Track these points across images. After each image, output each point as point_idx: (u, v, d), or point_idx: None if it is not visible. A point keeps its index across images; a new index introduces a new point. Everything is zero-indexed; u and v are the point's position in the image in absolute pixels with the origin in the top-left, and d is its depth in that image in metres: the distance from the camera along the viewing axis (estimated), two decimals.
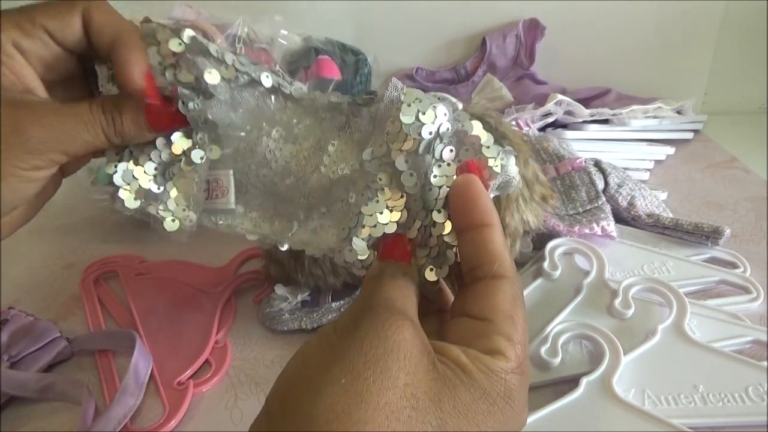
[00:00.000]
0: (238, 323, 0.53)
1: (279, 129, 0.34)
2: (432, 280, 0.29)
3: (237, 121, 0.34)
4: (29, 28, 0.30)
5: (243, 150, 0.34)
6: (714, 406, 0.39)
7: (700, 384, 0.41)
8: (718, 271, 0.52)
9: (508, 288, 0.26)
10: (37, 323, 0.49)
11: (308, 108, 0.34)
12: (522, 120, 0.71)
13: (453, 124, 0.29)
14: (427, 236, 0.29)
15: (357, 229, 0.30)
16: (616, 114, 0.75)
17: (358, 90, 0.73)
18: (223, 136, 0.34)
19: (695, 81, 0.89)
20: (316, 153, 0.33)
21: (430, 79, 0.87)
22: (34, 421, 0.44)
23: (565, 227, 0.55)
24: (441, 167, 0.29)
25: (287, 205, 0.34)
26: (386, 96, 0.30)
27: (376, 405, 0.21)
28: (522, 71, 0.85)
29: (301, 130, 0.34)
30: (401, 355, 0.23)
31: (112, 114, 0.30)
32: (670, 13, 0.83)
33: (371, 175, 0.30)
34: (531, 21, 0.84)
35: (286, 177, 0.34)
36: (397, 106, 0.29)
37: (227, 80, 0.33)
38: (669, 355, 0.43)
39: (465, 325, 0.26)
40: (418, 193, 0.29)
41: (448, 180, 0.29)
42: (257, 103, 0.34)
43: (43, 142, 0.29)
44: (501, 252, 0.27)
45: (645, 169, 0.72)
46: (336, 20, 0.84)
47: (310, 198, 0.33)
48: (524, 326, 0.26)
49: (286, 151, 0.34)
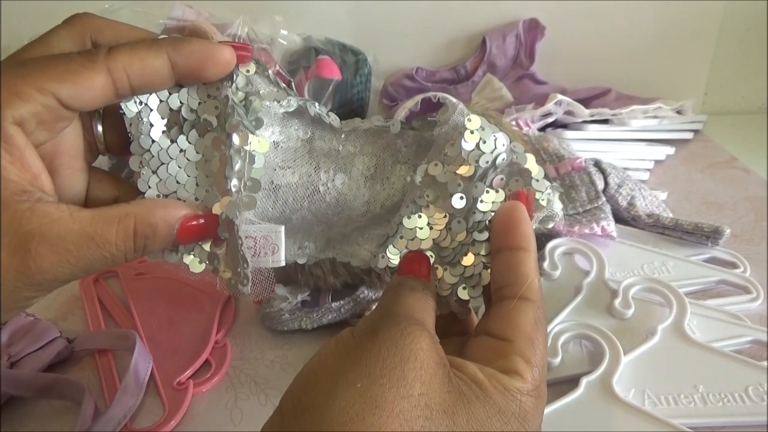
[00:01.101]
0: (238, 323, 0.53)
1: (327, 161, 0.33)
2: (465, 298, 0.29)
3: (283, 161, 0.32)
4: (35, 98, 0.24)
5: (294, 188, 0.33)
6: (714, 406, 0.39)
7: (700, 384, 0.41)
8: (718, 271, 0.52)
9: (532, 311, 0.26)
10: (37, 323, 0.49)
11: (351, 136, 0.33)
12: (522, 120, 0.71)
13: (509, 155, 0.30)
14: (462, 255, 0.30)
15: (395, 239, 0.31)
16: (616, 114, 0.75)
17: (357, 90, 0.73)
18: (270, 184, 0.32)
19: (695, 81, 0.89)
20: (367, 181, 0.33)
21: (430, 79, 0.87)
22: (34, 421, 0.44)
23: (565, 227, 0.55)
24: (490, 193, 0.29)
25: (340, 230, 0.34)
26: (452, 120, 0.30)
27: (390, 412, 0.21)
28: (522, 71, 0.85)
29: (350, 159, 0.33)
30: (418, 365, 0.23)
31: (145, 236, 0.26)
32: (670, 13, 0.83)
33: (419, 189, 0.30)
34: (531, 21, 0.84)
35: (340, 209, 0.33)
36: (459, 131, 0.30)
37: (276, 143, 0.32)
38: (669, 355, 0.43)
39: (485, 344, 0.26)
40: (463, 216, 0.30)
41: (494, 206, 0.29)
42: (300, 137, 0.33)
43: (44, 271, 0.23)
44: (531, 276, 0.27)
45: (645, 169, 0.72)
46: (336, 20, 0.84)
47: (363, 224, 0.33)
48: (544, 351, 0.26)
49: (338, 183, 0.33)
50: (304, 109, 0.32)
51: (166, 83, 0.27)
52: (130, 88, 0.26)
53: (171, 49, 0.26)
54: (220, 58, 0.27)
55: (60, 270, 0.24)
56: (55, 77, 0.24)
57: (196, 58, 0.27)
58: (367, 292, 0.51)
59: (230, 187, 0.28)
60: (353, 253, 0.33)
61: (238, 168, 0.28)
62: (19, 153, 0.24)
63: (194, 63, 0.27)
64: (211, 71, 0.27)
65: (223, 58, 0.27)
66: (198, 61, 0.27)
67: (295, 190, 0.33)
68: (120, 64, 0.25)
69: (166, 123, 0.29)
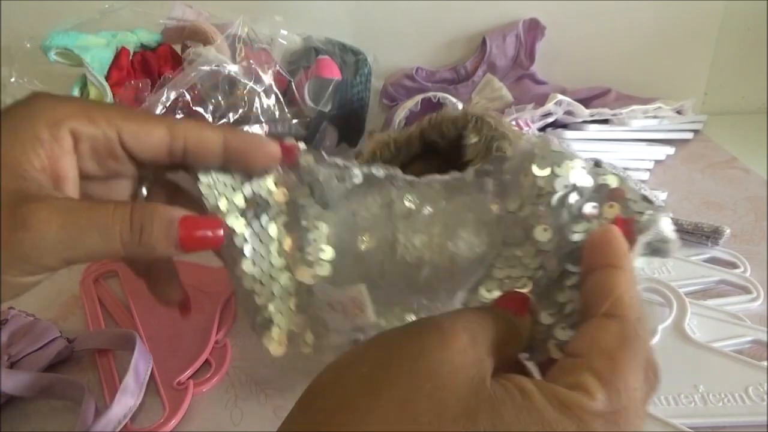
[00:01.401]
0: (238, 323, 0.52)
1: (405, 223, 0.32)
2: (564, 339, 0.26)
3: (363, 228, 0.32)
4: (101, 125, 0.27)
5: (373, 253, 0.32)
6: (714, 406, 0.39)
7: (700, 384, 0.41)
8: (718, 271, 0.52)
9: (617, 327, 0.22)
10: (37, 323, 0.49)
11: (427, 193, 0.33)
12: (522, 120, 0.71)
13: (594, 178, 0.28)
14: (556, 290, 0.27)
15: (487, 282, 0.29)
16: (616, 114, 0.75)
17: (357, 90, 0.73)
18: (351, 251, 0.32)
19: (695, 81, 0.89)
20: (447, 236, 0.32)
21: (430, 79, 0.87)
22: (34, 421, 0.44)
23: None
24: (581, 224, 0.27)
25: (425, 287, 0.32)
26: (517, 149, 0.29)
27: (390, 397, 0.20)
28: (522, 71, 0.85)
29: (426, 216, 0.32)
30: (438, 357, 0.21)
31: (141, 220, 0.25)
32: (670, 13, 0.83)
33: (507, 229, 0.29)
34: (531, 21, 0.84)
35: (422, 268, 0.32)
36: (530, 159, 0.28)
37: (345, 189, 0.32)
38: (669, 355, 0.43)
39: (556, 365, 0.23)
40: (553, 250, 0.27)
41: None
42: (377, 201, 0.33)
43: (37, 247, 0.23)
44: (620, 293, 0.23)
45: (645, 169, 0.72)
46: (336, 20, 0.84)
47: (450, 280, 0.32)
48: (632, 374, 0.22)
49: (418, 243, 0.32)
50: (372, 176, 0.32)
51: (216, 158, 0.29)
52: (184, 149, 0.28)
53: (227, 130, 0.29)
54: (267, 149, 0.30)
55: (52, 244, 0.24)
56: (124, 117, 0.28)
57: (247, 143, 0.29)
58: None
59: (307, 257, 0.30)
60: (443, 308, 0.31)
61: (311, 246, 0.31)
62: (59, 154, 0.26)
63: (243, 146, 0.29)
64: (257, 158, 0.30)
65: (270, 149, 0.30)
66: (247, 145, 0.29)
67: (374, 255, 0.32)
68: (182, 127, 0.28)
69: (244, 206, 0.31)
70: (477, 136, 0.49)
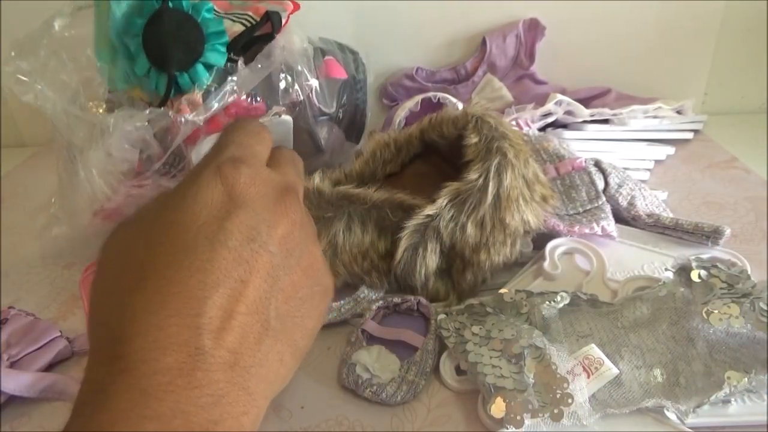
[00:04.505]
0: None
1: (612, 345, 0.41)
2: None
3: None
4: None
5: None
6: (714, 406, 0.39)
7: None
8: None
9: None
10: (37, 323, 0.49)
11: (628, 313, 0.43)
12: (522, 120, 0.71)
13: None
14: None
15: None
16: (616, 114, 0.75)
17: (360, 87, 0.73)
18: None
19: (695, 81, 0.89)
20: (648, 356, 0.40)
21: (430, 79, 0.87)
22: (34, 421, 0.44)
23: (565, 227, 0.55)
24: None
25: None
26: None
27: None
28: (522, 71, 0.85)
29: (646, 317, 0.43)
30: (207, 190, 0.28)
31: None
32: (670, 13, 0.83)
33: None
34: (531, 21, 0.84)
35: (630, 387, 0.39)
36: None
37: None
38: None
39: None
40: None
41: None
42: (585, 321, 0.43)
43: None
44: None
45: (645, 169, 0.72)
46: (336, 20, 0.84)
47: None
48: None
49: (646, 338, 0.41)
50: (577, 297, 0.43)
51: None
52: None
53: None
54: None
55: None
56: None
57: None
58: (367, 292, 0.51)
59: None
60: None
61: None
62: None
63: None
64: None
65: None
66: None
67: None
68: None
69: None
70: (477, 136, 0.49)
